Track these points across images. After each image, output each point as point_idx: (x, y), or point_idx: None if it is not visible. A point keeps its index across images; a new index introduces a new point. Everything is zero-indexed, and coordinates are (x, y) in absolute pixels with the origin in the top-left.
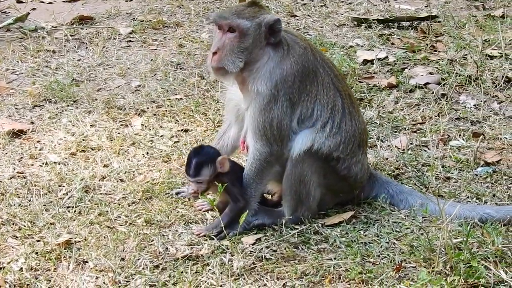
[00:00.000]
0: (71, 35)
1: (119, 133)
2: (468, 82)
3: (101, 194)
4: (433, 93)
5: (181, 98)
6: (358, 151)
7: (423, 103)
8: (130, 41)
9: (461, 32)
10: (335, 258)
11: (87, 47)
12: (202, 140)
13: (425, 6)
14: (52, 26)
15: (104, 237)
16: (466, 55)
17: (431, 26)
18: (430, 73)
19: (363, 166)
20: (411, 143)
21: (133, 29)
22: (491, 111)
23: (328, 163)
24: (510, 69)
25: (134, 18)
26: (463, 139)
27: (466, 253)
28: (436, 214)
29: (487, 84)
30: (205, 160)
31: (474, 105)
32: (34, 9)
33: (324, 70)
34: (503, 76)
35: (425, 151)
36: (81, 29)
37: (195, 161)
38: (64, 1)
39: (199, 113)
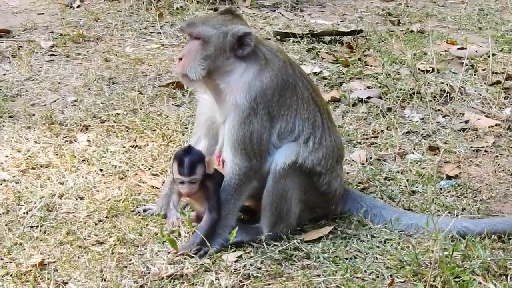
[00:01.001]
0: None
1: (66, 149)
2: (410, 96)
3: (64, 212)
4: (377, 107)
5: (124, 113)
6: (336, 166)
7: (370, 116)
8: (53, 54)
9: (387, 47)
10: (323, 275)
11: (10, 61)
12: (158, 156)
13: (341, 21)
14: None
15: (78, 257)
16: (399, 69)
17: (357, 41)
18: (368, 87)
19: (341, 181)
20: (370, 157)
21: (54, 42)
22: (438, 124)
23: (311, 178)
24: (445, 83)
25: (52, 32)
26: (419, 153)
27: (455, 266)
28: (413, 229)
29: (427, 98)
30: (197, 159)
31: (421, 119)
32: None
33: (303, 84)
34: (442, 90)
35: (385, 165)
36: (1, 42)
37: (188, 159)
38: None
39: (148, 128)
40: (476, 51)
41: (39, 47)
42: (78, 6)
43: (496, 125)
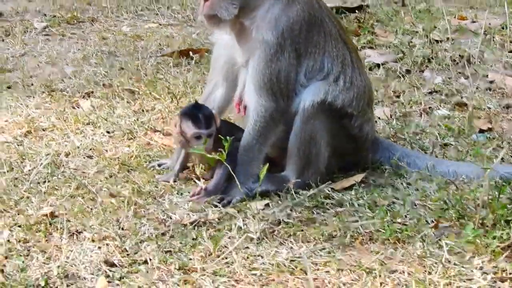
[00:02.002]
0: None
1: (69, 113)
2: (427, 60)
3: (71, 169)
4: (394, 71)
5: (128, 80)
6: (367, 109)
7: (389, 78)
8: (47, 34)
9: (395, 21)
10: (360, 220)
11: (3, 40)
12: (168, 115)
13: (344, 2)
14: None
15: (91, 209)
16: (411, 39)
17: (365, 15)
18: (382, 54)
19: (373, 126)
20: (395, 113)
21: (48, 23)
22: (461, 85)
23: (341, 119)
24: (462, 49)
25: (44, 14)
26: (445, 109)
27: (504, 205)
28: (452, 176)
29: (446, 61)
30: (210, 112)
31: (442, 81)
32: None
33: (330, 20)
34: (460, 56)
35: (411, 120)
36: None
37: (203, 114)
38: None
39: (155, 91)
40: (490, 24)
41: (32, 27)
42: None
43: None
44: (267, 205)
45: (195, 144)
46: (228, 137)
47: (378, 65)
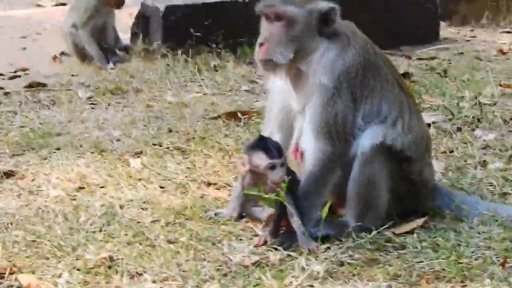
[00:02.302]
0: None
1: (120, 171)
2: (477, 120)
3: (127, 219)
4: (445, 130)
5: (179, 139)
6: (426, 154)
7: (440, 136)
8: (92, 103)
9: (441, 88)
10: (424, 260)
11: (49, 108)
12: (221, 170)
13: None
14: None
15: (150, 254)
16: (459, 102)
17: (408, 82)
18: (431, 115)
19: (432, 171)
20: (450, 167)
21: (92, 94)
22: None
23: (401, 163)
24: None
25: (88, 85)
26: (501, 162)
27: None
28: None
29: (496, 121)
30: (277, 142)
31: (494, 138)
32: None
33: (385, 65)
34: (510, 117)
35: (467, 173)
36: (38, 92)
37: (271, 144)
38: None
39: (206, 149)
40: None
41: (77, 96)
42: (112, 69)
43: None
44: (328, 248)
45: (271, 176)
46: (286, 178)
47: (428, 125)
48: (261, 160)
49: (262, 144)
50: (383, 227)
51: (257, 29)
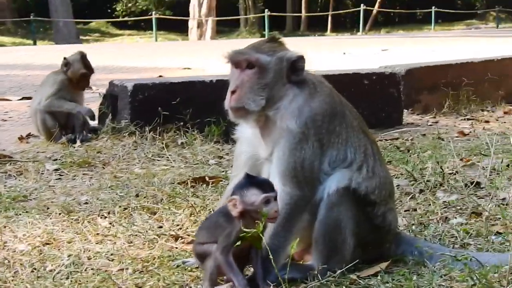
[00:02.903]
0: None
1: (87, 229)
2: (439, 185)
3: (94, 269)
4: (407, 193)
5: (146, 200)
6: (389, 200)
7: (402, 197)
8: (60, 175)
9: (403, 158)
10: None
11: (15, 177)
12: (189, 225)
13: None
14: None
15: None
16: (422, 169)
17: None
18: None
19: (395, 217)
20: (413, 222)
21: (59, 166)
22: (475, 201)
23: (365, 207)
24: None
25: (55, 159)
26: (462, 218)
27: None
28: (476, 266)
29: (458, 184)
30: (264, 178)
31: (456, 198)
32: None
33: (350, 113)
34: (471, 182)
35: (429, 227)
36: (4, 164)
37: (261, 179)
38: None
39: (174, 206)
40: (495, 162)
41: (44, 168)
42: (80, 146)
43: None
44: None
45: (266, 209)
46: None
47: None
48: (255, 196)
49: (252, 180)
50: (348, 267)
51: (223, 109)
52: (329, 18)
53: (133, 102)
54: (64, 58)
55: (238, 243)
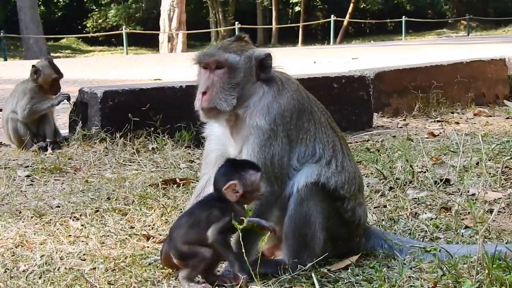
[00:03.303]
0: None
1: (60, 231)
2: (409, 182)
3: (67, 268)
4: (377, 191)
5: (117, 202)
6: (359, 194)
7: (373, 194)
8: (32, 181)
9: (373, 157)
10: None
11: None
12: (166, 222)
13: None
14: None
15: None
16: (391, 169)
17: None
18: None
19: (365, 211)
20: (383, 218)
21: (31, 173)
22: (444, 198)
23: (334, 202)
24: (441, 174)
25: (27, 166)
26: (431, 213)
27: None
28: (445, 258)
29: (427, 181)
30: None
31: (425, 195)
32: None
33: (318, 109)
34: (440, 179)
35: (399, 223)
36: None
37: (245, 159)
38: None
39: (146, 207)
40: (465, 160)
41: (16, 175)
42: (51, 154)
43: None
44: (264, 283)
45: (260, 191)
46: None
47: None
48: (254, 175)
49: (241, 163)
50: (318, 261)
51: (193, 114)
52: (300, 30)
53: (103, 109)
54: (33, 66)
55: (243, 225)
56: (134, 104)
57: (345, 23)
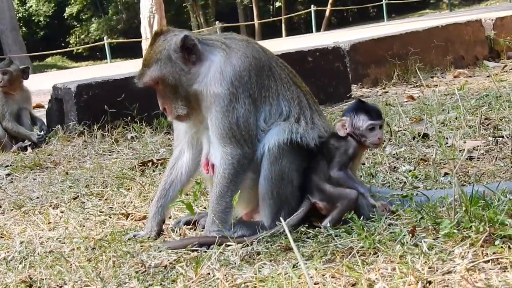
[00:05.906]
0: None
1: (40, 219)
2: (388, 140)
3: (47, 252)
4: None
5: (96, 187)
6: None
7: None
8: (12, 178)
9: None
10: (338, 240)
11: None
12: (144, 199)
13: None
14: None
15: (70, 271)
16: None
17: None
18: None
19: None
20: (362, 174)
21: (10, 171)
22: (423, 151)
23: (309, 158)
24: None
25: (6, 166)
26: (410, 165)
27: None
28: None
29: (406, 138)
30: (375, 105)
31: (404, 150)
32: None
33: (277, 65)
34: (418, 134)
35: (378, 177)
36: None
37: (372, 106)
38: None
39: (124, 187)
40: (444, 117)
41: None
42: (31, 153)
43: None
44: (245, 244)
45: (370, 137)
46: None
47: None
48: (363, 121)
49: (363, 106)
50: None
51: None
52: (283, 24)
53: (79, 103)
54: None
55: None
56: (109, 95)
57: (327, 12)
